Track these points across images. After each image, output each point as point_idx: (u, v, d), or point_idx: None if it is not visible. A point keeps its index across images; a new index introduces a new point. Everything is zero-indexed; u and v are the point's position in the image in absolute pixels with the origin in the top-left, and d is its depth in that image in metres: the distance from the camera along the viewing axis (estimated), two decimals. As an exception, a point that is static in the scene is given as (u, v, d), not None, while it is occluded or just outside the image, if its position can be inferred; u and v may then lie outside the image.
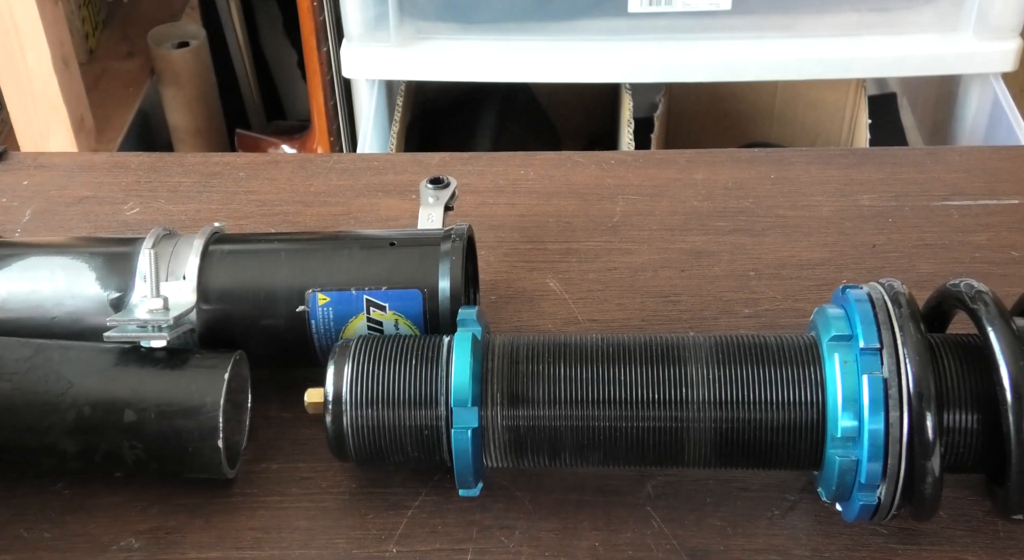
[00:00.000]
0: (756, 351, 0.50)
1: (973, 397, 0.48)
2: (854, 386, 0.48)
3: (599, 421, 0.50)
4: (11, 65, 1.46)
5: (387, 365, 0.51)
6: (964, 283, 0.51)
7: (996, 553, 0.52)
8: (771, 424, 0.49)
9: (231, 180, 0.79)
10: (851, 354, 0.48)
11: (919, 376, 0.47)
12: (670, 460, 0.51)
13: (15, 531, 0.54)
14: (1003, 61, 1.32)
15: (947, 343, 0.50)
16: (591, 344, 0.51)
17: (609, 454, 0.51)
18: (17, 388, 0.53)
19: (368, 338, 0.53)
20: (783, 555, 0.52)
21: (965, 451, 0.48)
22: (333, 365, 0.52)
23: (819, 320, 0.51)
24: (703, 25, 1.33)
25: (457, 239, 0.58)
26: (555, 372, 0.50)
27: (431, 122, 1.57)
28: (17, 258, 0.59)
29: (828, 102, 1.56)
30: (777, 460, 0.50)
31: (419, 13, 1.32)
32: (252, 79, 1.94)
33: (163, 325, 0.54)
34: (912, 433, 0.46)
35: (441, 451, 0.51)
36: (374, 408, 0.51)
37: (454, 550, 0.53)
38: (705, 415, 0.49)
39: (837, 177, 0.78)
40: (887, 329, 0.48)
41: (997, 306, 0.49)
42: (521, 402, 0.50)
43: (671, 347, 0.51)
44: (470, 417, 0.50)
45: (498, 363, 0.51)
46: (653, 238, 0.73)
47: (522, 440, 0.51)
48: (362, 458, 0.52)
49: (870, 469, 0.47)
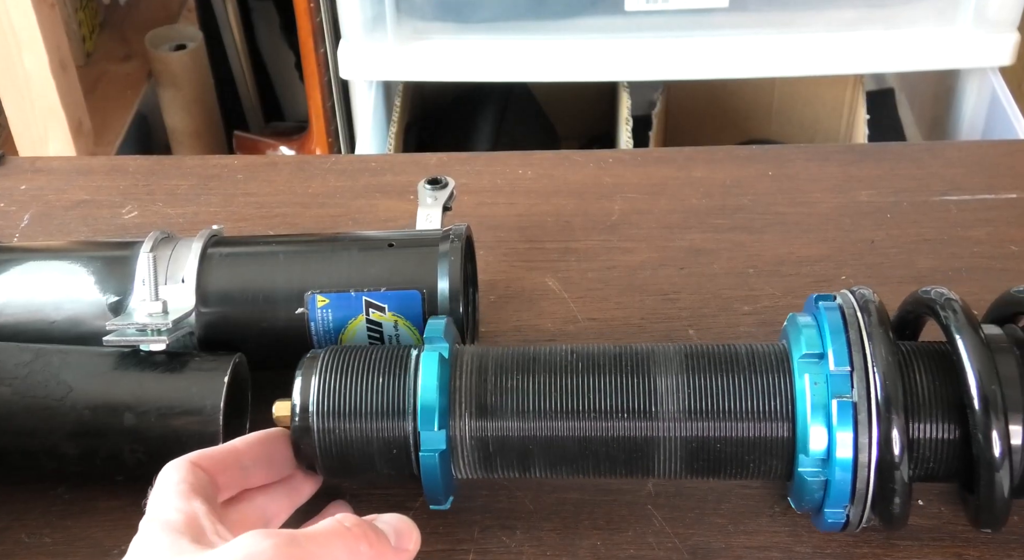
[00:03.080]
0: (727, 362, 0.49)
1: (944, 409, 0.47)
2: (824, 407, 0.47)
3: (568, 432, 0.49)
4: (8, 69, 1.46)
5: (355, 377, 0.50)
6: (935, 290, 0.50)
7: (997, 548, 0.52)
8: (741, 437, 0.48)
9: (229, 182, 0.79)
10: (821, 375, 0.48)
11: (889, 397, 0.46)
12: (640, 470, 0.50)
13: (16, 536, 0.54)
14: (1001, 55, 1.32)
15: (918, 353, 0.49)
16: (560, 355, 0.51)
17: (579, 465, 0.50)
18: (17, 393, 0.53)
19: (336, 349, 0.52)
20: (785, 552, 0.52)
21: (936, 463, 0.48)
22: (300, 377, 0.51)
23: (791, 331, 0.50)
24: (700, 22, 1.33)
25: (456, 239, 0.58)
26: (523, 384, 0.50)
27: (429, 123, 1.57)
28: (16, 263, 0.59)
29: (826, 98, 1.56)
30: (747, 473, 0.50)
31: (416, 13, 1.32)
32: (250, 81, 1.94)
33: (162, 328, 0.54)
34: (881, 454, 0.46)
35: (411, 467, 0.50)
36: (341, 421, 0.50)
37: (455, 550, 0.53)
38: (674, 426, 0.49)
39: (835, 173, 0.78)
40: (857, 348, 0.47)
41: (966, 314, 0.48)
42: (489, 414, 0.49)
43: (640, 357, 0.50)
44: (437, 438, 0.49)
45: (466, 376, 0.50)
46: (652, 236, 0.73)
47: (491, 453, 0.50)
48: (330, 471, 0.51)
49: (838, 490, 0.47)
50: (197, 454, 0.47)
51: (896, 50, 1.33)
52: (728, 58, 1.34)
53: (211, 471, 0.46)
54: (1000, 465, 0.45)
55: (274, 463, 0.50)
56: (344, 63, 1.36)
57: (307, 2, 1.53)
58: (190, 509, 0.43)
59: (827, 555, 0.52)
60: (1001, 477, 0.46)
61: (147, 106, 1.84)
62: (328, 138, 1.66)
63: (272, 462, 0.50)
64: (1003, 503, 0.46)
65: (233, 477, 0.48)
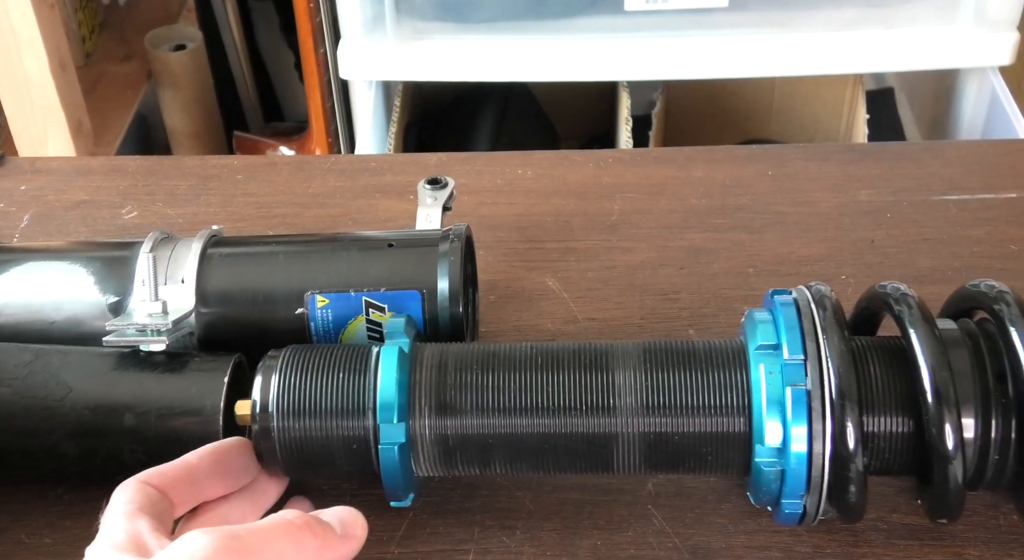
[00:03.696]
0: (684, 358, 0.50)
1: (898, 402, 0.48)
2: (778, 397, 0.47)
3: (528, 429, 0.49)
4: (8, 69, 1.46)
5: (315, 376, 0.50)
6: (891, 285, 0.51)
7: (998, 547, 0.52)
8: (699, 431, 0.49)
9: (229, 183, 0.79)
10: (776, 365, 0.48)
11: (842, 386, 0.46)
12: (600, 466, 0.50)
13: (16, 536, 0.54)
14: (1001, 54, 1.32)
15: (873, 347, 0.50)
16: (520, 352, 0.51)
17: (538, 461, 0.50)
18: (17, 393, 0.53)
19: (298, 348, 0.52)
20: (785, 552, 0.52)
21: (892, 455, 0.48)
22: (260, 375, 0.51)
23: (747, 326, 0.51)
24: (700, 22, 1.33)
25: (455, 239, 0.58)
26: (483, 381, 0.50)
27: (429, 123, 1.57)
28: (16, 263, 0.59)
29: (826, 98, 1.56)
30: (706, 467, 0.50)
31: (416, 13, 1.32)
32: (249, 81, 1.94)
33: (162, 329, 0.54)
34: (836, 444, 0.46)
35: (372, 463, 0.50)
36: (302, 419, 0.50)
37: (456, 551, 0.53)
38: (633, 421, 0.49)
39: (835, 173, 0.78)
40: (811, 338, 0.48)
41: (921, 309, 0.49)
42: (449, 411, 0.49)
43: (599, 354, 0.50)
44: (397, 432, 0.49)
45: (426, 373, 0.50)
46: (652, 236, 0.73)
47: (451, 448, 0.50)
48: (291, 468, 0.51)
49: (794, 479, 0.47)
50: (147, 473, 0.47)
51: (896, 50, 1.33)
52: (728, 58, 1.34)
53: (162, 488, 0.47)
54: (953, 457, 0.46)
55: (230, 474, 0.50)
56: (344, 63, 1.36)
57: (307, 2, 1.53)
58: (134, 528, 0.43)
59: (827, 555, 0.52)
60: (954, 469, 0.46)
61: (147, 106, 1.84)
62: (328, 138, 1.66)
63: (228, 473, 0.50)
64: (957, 495, 0.47)
65: (186, 492, 0.48)
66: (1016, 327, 0.47)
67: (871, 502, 0.53)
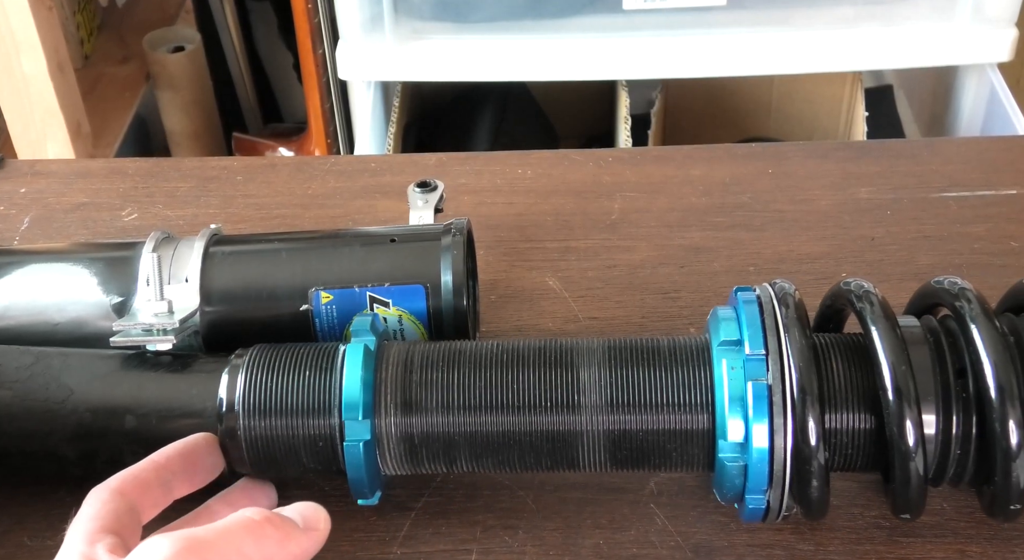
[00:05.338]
0: (649, 354, 0.50)
1: (860, 398, 0.48)
2: (740, 392, 0.48)
3: (492, 426, 0.49)
4: (7, 72, 1.46)
5: (281, 374, 0.50)
6: (854, 282, 0.51)
7: (1000, 544, 0.52)
8: (663, 428, 0.49)
9: (228, 184, 0.79)
10: (738, 360, 0.48)
11: (803, 381, 0.47)
12: (565, 462, 0.50)
13: (18, 539, 0.54)
14: (999, 51, 1.32)
15: (836, 344, 0.50)
16: (485, 350, 0.51)
17: (504, 459, 0.50)
18: (18, 396, 0.53)
19: (265, 347, 0.52)
20: (787, 550, 0.52)
21: (854, 451, 0.48)
22: (227, 374, 0.51)
23: (711, 322, 0.51)
24: (698, 20, 1.33)
25: (457, 233, 0.58)
26: (448, 379, 0.50)
27: (428, 123, 1.57)
28: (17, 265, 0.59)
29: (825, 96, 1.56)
30: (670, 463, 0.50)
31: (414, 13, 1.32)
32: (248, 82, 1.94)
33: (168, 328, 0.54)
34: (797, 438, 0.46)
35: (338, 461, 0.50)
36: (267, 418, 0.50)
37: (458, 550, 0.53)
38: (597, 419, 0.49)
39: (835, 171, 0.78)
40: (773, 334, 0.48)
41: (883, 306, 0.49)
42: (414, 408, 0.50)
43: (564, 351, 0.50)
44: (362, 429, 0.49)
45: (391, 371, 0.50)
46: (652, 235, 0.73)
47: (417, 446, 0.50)
48: (258, 468, 0.51)
49: (756, 474, 0.47)
50: (119, 479, 0.47)
51: (894, 47, 1.33)
52: (726, 56, 1.34)
53: (132, 494, 0.47)
54: (914, 453, 0.46)
55: (199, 471, 0.50)
56: (342, 64, 1.36)
57: (305, 3, 1.53)
58: (91, 553, 0.43)
59: (829, 552, 0.52)
60: (915, 465, 0.46)
61: (145, 108, 1.84)
62: (327, 139, 1.66)
63: (197, 471, 0.50)
64: (919, 491, 0.47)
65: (158, 495, 0.48)
66: (976, 323, 0.47)
67: (872, 500, 0.54)
